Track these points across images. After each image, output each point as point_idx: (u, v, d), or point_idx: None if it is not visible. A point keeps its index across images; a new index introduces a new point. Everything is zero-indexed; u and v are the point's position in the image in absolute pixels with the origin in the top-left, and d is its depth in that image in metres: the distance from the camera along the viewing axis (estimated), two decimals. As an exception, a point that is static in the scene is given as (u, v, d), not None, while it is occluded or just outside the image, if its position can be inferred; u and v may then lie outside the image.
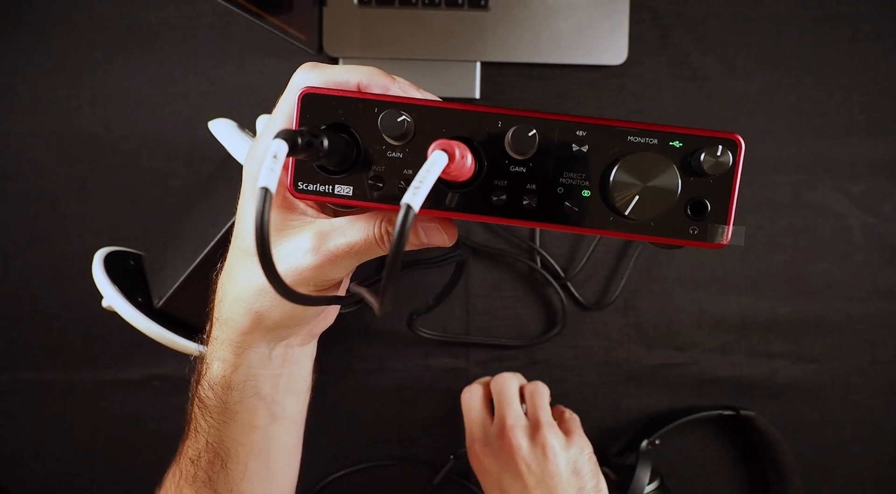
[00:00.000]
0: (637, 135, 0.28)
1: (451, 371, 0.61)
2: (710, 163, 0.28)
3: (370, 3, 0.58)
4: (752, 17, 0.59)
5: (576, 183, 0.29)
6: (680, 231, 0.29)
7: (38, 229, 0.60)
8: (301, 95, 0.29)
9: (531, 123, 0.28)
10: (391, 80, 0.32)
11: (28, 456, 0.61)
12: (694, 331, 0.60)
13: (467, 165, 0.27)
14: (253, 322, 0.36)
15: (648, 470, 0.55)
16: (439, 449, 0.61)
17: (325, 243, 0.32)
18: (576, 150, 0.29)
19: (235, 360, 0.37)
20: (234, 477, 0.40)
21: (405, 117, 0.28)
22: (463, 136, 0.29)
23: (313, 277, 0.33)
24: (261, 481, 0.41)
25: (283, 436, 0.42)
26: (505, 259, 0.61)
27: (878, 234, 0.60)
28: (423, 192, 0.23)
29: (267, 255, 0.22)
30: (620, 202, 0.28)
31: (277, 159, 0.23)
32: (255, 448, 0.40)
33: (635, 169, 0.28)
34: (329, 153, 0.28)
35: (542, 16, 0.58)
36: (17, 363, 0.61)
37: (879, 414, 0.61)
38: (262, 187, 0.22)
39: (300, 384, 0.43)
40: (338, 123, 0.29)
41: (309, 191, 0.30)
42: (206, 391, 0.39)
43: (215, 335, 0.38)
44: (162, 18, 0.60)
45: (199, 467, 0.40)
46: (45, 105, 0.60)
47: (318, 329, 0.43)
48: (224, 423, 0.39)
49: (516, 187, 0.29)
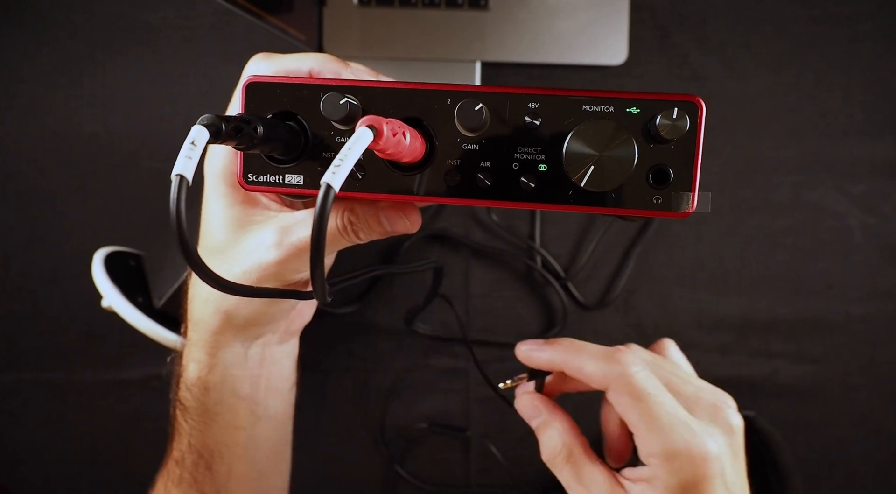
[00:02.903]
0: (592, 103, 0.27)
1: (451, 371, 0.61)
2: (667, 127, 0.26)
3: (370, 3, 0.58)
4: (752, 17, 0.59)
5: (531, 158, 0.28)
6: (643, 202, 0.27)
7: (38, 229, 0.60)
8: (245, 85, 0.29)
9: (478, 97, 0.27)
10: (343, 65, 0.32)
11: (28, 456, 0.61)
12: (694, 331, 0.60)
13: (404, 143, 0.26)
14: (223, 322, 0.36)
15: (648, 470, 0.55)
16: (439, 449, 0.61)
17: (287, 236, 0.32)
18: (529, 123, 0.27)
19: (210, 361, 0.37)
20: (219, 479, 0.40)
21: (348, 100, 0.27)
22: (412, 116, 0.28)
23: (278, 272, 0.32)
24: (248, 481, 0.41)
25: (268, 436, 0.42)
26: (505, 259, 0.61)
27: (878, 234, 0.60)
28: (344, 170, 0.22)
29: (186, 243, 0.22)
30: (576, 174, 0.27)
31: (196, 146, 0.22)
32: (239, 449, 0.40)
33: (589, 138, 0.27)
34: (266, 140, 0.27)
35: (542, 16, 0.58)
36: (17, 363, 0.61)
37: (879, 414, 0.61)
38: (176, 174, 0.22)
39: (282, 383, 0.42)
40: (284, 111, 0.29)
41: (259, 182, 0.29)
42: (185, 392, 0.39)
43: (189, 337, 0.38)
44: (162, 18, 0.60)
45: (184, 469, 0.40)
46: (45, 105, 0.60)
47: (296, 327, 0.42)
48: (205, 424, 0.39)
49: (470, 166, 0.28)
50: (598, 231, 0.60)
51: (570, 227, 0.61)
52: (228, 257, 0.33)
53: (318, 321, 0.60)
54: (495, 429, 0.60)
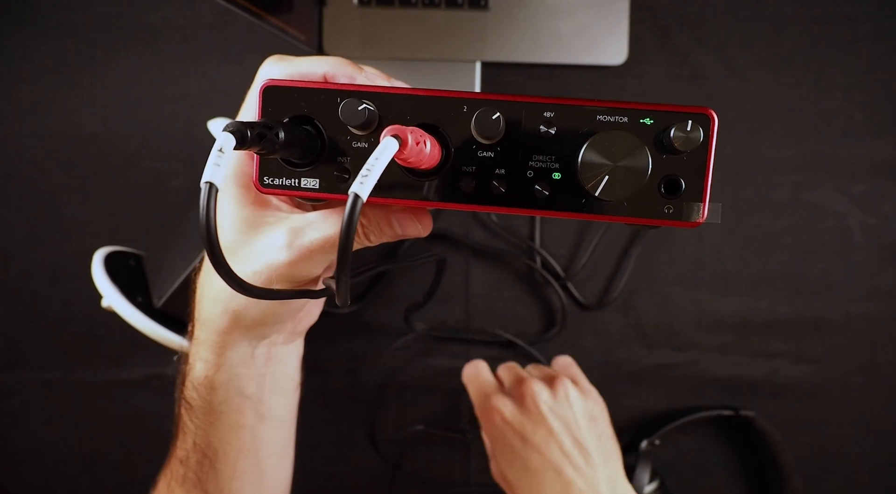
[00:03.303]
0: (606, 114, 0.28)
1: (451, 371, 0.61)
2: (681, 139, 0.27)
3: (370, 3, 0.58)
4: (752, 17, 0.59)
5: (546, 166, 0.28)
6: (655, 211, 0.28)
7: (38, 229, 0.60)
8: (262, 89, 0.29)
9: (495, 106, 0.28)
10: (358, 69, 0.32)
11: (28, 456, 0.61)
12: (694, 331, 0.61)
13: (426, 151, 0.26)
14: (231, 322, 0.36)
15: (648, 470, 0.55)
16: (439, 449, 0.61)
17: (298, 238, 0.32)
18: (544, 131, 0.28)
19: (217, 360, 0.37)
20: (223, 478, 0.40)
21: (367, 106, 0.27)
22: (428, 122, 0.28)
23: (289, 273, 0.32)
24: (251, 481, 0.41)
25: (271, 436, 0.42)
26: (505, 259, 0.61)
27: (878, 234, 0.60)
28: (372, 180, 0.22)
29: (215, 249, 0.22)
30: (590, 183, 0.27)
31: (224, 153, 0.23)
32: (244, 448, 0.40)
33: (604, 148, 0.27)
34: (286, 145, 0.27)
35: (542, 16, 0.58)
36: (17, 363, 0.61)
37: (879, 414, 0.61)
38: (205, 181, 0.22)
39: (287, 383, 0.43)
40: (301, 116, 0.29)
41: (275, 185, 0.29)
42: (191, 391, 0.39)
43: (196, 336, 0.38)
44: (162, 18, 0.60)
45: (189, 467, 0.40)
46: (45, 105, 0.60)
47: (302, 327, 0.43)
48: (210, 424, 0.39)
49: (485, 173, 0.28)
50: (597, 231, 0.60)
51: (570, 227, 0.61)
52: (239, 258, 0.33)
53: (318, 320, 0.60)
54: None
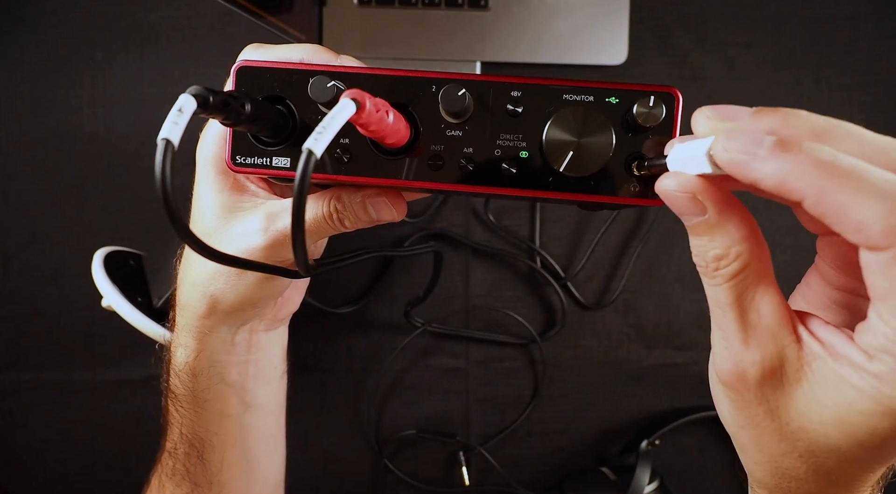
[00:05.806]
0: (573, 93, 0.28)
1: (450, 371, 0.61)
2: (643, 115, 0.27)
3: (370, 3, 0.58)
4: (752, 17, 0.59)
5: (513, 144, 0.29)
6: (621, 189, 0.28)
7: (38, 229, 0.60)
8: (236, 69, 0.30)
9: (461, 83, 0.28)
10: (334, 55, 0.32)
11: (28, 456, 0.61)
12: (694, 331, 0.60)
13: (387, 121, 0.26)
14: (209, 306, 0.36)
15: (648, 470, 0.55)
16: (440, 449, 0.61)
17: (274, 223, 0.32)
18: (511, 110, 0.28)
19: (197, 346, 0.38)
20: (211, 468, 0.40)
21: (335, 84, 0.28)
22: (399, 101, 0.29)
23: (265, 257, 0.33)
24: (241, 471, 0.41)
25: (259, 425, 0.42)
26: (505, 259, 0.61)
27: (878, 234, 0.60)
28: (326, 137, 0.22)
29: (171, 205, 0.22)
30: (555, 160, 0.28)
31: (182, 113, 0.23)
32: (231, 438, 0.40)
33: (568, 125, 0.28)
34: (253, 119, 0.27)
35: (542, 16, 0.58)
36: (17, 363, 0.61)
37: (879, 414, 0.61)
38: (162, 138, 0.22)
39: (271, 371, 0.43)
40: (273, 95, 0.29)
41: (247, 164, 0.30)
42: (174, 379, 0.39)
43: (177, 322, 0.38)
44: (162, 18, 0.60)
45: (177, 459, 0.40)
46: (45, 105, 0.60)
47: (283, 314, 0.43)
48: (195, 412, 0.39)
49: (453, 151, 0.29)
50: (597, 231, 0.60)
51: (570, 227, 0.61)
52: (216, 242, 0.34)
53: (318, 320, 0.60)
54: (494, 429, 0.60)
